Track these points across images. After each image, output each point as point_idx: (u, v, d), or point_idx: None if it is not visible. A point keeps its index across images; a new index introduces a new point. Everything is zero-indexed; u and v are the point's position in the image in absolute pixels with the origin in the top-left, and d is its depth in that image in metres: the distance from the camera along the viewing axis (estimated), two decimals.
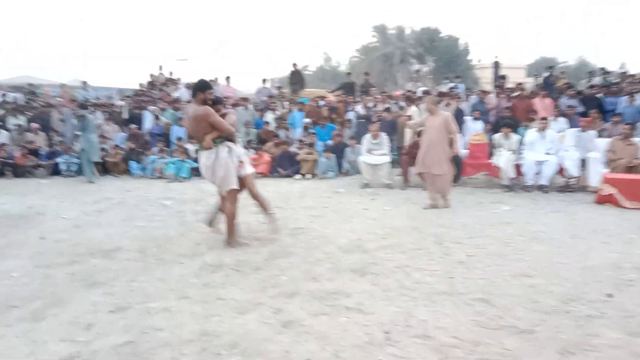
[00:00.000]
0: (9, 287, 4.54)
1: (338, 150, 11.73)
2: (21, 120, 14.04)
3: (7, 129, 13.83)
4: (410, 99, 11.82)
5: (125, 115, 14.46)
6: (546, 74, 16.08)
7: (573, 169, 9.02)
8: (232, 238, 5.71)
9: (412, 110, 10.81)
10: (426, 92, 12.55)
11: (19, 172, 12.16)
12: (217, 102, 5.81)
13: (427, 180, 8.08)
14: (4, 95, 17.14)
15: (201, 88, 5.58)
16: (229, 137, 5.61)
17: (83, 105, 12.25)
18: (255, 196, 6.03)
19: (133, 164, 12.05)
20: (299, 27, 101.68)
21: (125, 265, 5.10)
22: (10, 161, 12.31)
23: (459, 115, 11.52)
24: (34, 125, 13.57)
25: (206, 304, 4.07)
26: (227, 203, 5.68)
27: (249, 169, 5.88)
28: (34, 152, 12.58)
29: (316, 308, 3.94)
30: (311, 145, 11.66)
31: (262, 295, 4.21)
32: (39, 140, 13.18)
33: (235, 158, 5.63)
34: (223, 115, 5.64)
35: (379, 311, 3.87)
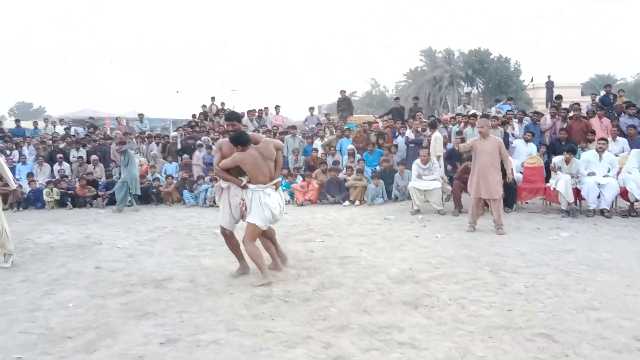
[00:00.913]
0: (65, 317, 4.64)
1: (386, 176, 11.59)
2: (82, 152, 14.70)
3: (69, 161, 14.51)
4: (434, 125, 11.54)
5: (179, 145, 14.87)
6: (603, 93, 15.44)
7: (637, 192, 8.51)
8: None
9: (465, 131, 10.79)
10: (473, 115, 12.24)
11: (79, 202, 12.67)
12: (238, 142, 5.31)
13: (477, 205, 7.94)
14: (67, 128, 18.06)
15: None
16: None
17: (122, 141, 12.74)
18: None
19: (186, 193, 12.31)
20: (346, 53, 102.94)
21: (176, 296, 5.14)
22: (71, 192, 12.86)
23: (505, 138, 11.24)
24: (94, 157, 14.17)
25: (255, 336, 4.01)
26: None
27: (253, 219, 5.42)
28: (93, 183, 13.08)
29: (367, 343, 3.81)
30: (360, 171, 11.58)
31: (311, 328, 4.12)
32: (98, 172, 13.74)
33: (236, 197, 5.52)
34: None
35: (433, 347, 3.70)
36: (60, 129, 18.10)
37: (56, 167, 14.16)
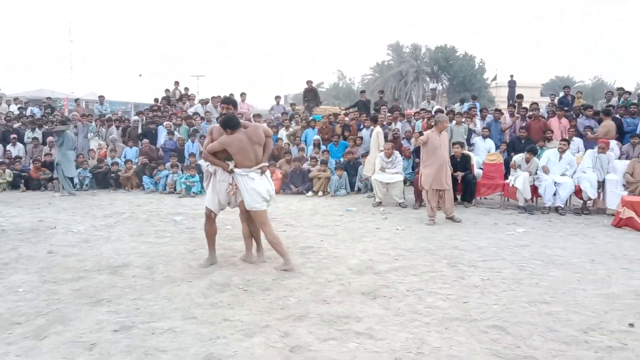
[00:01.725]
0: (14, 302, 4.47)
1: (350, 168, 11.63)
2: (37, 133, 14.17)
3: (23, 142, 13.97)
4: (375, 119, 11.53)
5: (140, 130, 14.52)
6: (562, 94, 15.89)
7: (590, 191, 8.81)
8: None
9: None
10: (439, 111, 12.42)
11: (33, 185, 12.24)
12: (227, 125, 5.33)
13: (434, 197, 8.16)
14: (23, 108, 17.36)
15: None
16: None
17: (62, 121, 12.47)
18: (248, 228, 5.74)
19: (145, 179, 12.05)
20: (314, 45, 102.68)
21: (131, 283, 5.02)
22: (24, 174, 12.40)
23: (469, 135, 11.50)
24: (50, 139, 13.68)
25: (212, 325, 3.96)
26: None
27: (249, 205, 5.40)
28: (49, 165, 12.64)
29: (325, 332, 3.81)
30: (324, 162, 11.58)
31: (269, 318, 4.09)
32: (54, 154, 13.27)
33: (222, 182, 5.49)
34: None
35: (390, 337, 3.73)
36: (14, 109, 17.38)
37: (8, 147, 13.61)
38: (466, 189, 9.68)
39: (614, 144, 10.17)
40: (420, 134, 8.03)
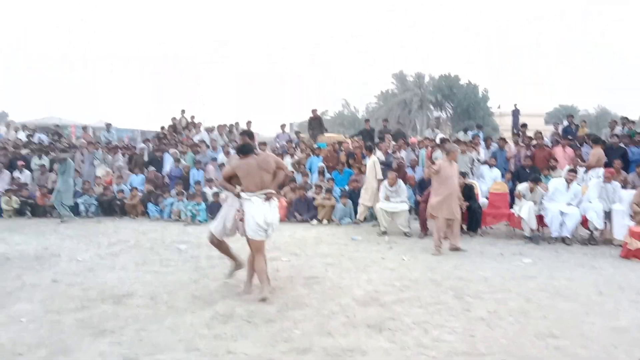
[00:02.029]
0: (17, 332, 4.46)
1: (355, 196, 11.63)
2: (44, 160, 14.28)
3: (30, 169, 14.08)
4: (370, 149, 11.41)
5: (146, 157, 14.63)
6: (566, 123, 15.96)
7: (597, 221, 8.76)
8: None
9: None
10: (443, 140, 12.47)
11: (38, 212, 12.28)
12: (240, 150, 5.74)
13: (442, 226, 8.12)
14: (30, 135, 17.56)
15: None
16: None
17: (63, 149, 12.76)
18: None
19: (151, 206, 12.08)
20: (319, 73, 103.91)
21: (135, 313, 5.00)
22: (31, 201, 12.46)
23: (472, 164, 11.56)
24: (57, 166, 13.76)
25: (215, 357, 3.93)
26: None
27: (247, 231, 5.49)
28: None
29: None
30: (329, 190, 11.59)
31: (273, 350, 4.06)
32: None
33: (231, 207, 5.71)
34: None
35: None
36: (22, 135, 17.58)
37: (15, 174, 13.71)
38: (471, 218, 9.65)
39: (601, 172, 10.26)
40: (433, 163, 8.09)
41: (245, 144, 5.75)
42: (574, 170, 9.46)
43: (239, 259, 6.08)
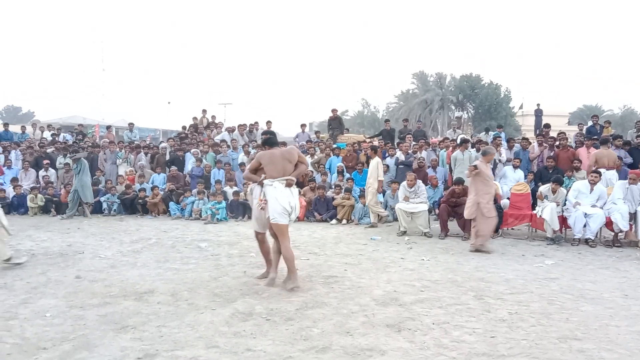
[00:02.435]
0: (41, 327, 4.54)
1: None
2: (69, 159, 14.53)
3: (55, 168, 14.35)
4: (375, 150, 11.33)
5: (167, 157, 14.79)
6: (590, 123, 15.68)
7: (622, 223, 8.58)
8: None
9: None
10: (464, 140, 12.35)
11: (63, 209, 12.50)
12: (265, 142, 6.12)
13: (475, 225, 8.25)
14: (55, 134, 17.89)
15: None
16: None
17: (75, 150, 13.13)
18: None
19: (172, 205, 12.21)
20: (339, 73, 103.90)
21: (156, 309, 5.05)
22: (56, 199, 12.70)
23: (494, 165, 11.45)
24: (73, 166, 13.99)
25: (235, 355, 3.94)
26: None
27: (271, 217, 5.72)
28: None
29: None
30: (348, 190, 11.58)
31: (292, 349, 4.06)
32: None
33: (256, 198, 5.91)
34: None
35: None
36: (47, 135, 17.93)
37: (41, 173, 13.99)
38: None
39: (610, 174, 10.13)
40: (475, 167, 8.25)
41: (270, 137, 6.06)
42: (597, 172, 9.27)
43: (272, 270, 6.04)
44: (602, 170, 9.84)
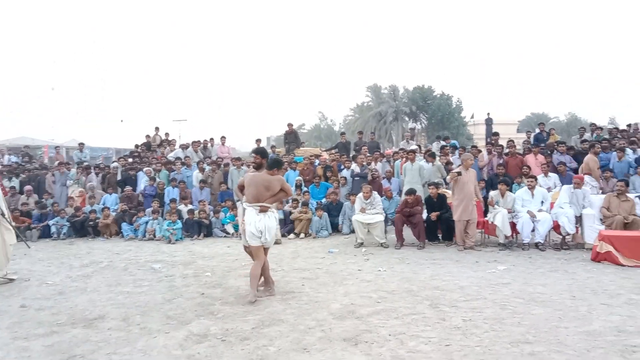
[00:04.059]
0: None
1: (332, 209, 11.63)
2: (14, 182, 13.98)
3: None
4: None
5: (119, 176, 14.42)
6: (537, 130, 16.26)
7: (569, 226, 8.91)
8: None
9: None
10: (413, 151, 12.56)
11: None
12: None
13: (462, 227, 9.17)
14: (1, 157, 17.20)
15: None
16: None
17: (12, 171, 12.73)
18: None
19: (124, 226, 11.87)
20: (295, 87, 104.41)
21: (106, 336, 4.88)
22: None
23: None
24: (27, 187, 13.50)
25: None
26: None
27: (245, 235, 6.13)
28: (27, 214, 12.42)
29: None
30: (305, 204, 11.57)
31: None
32: (32, 203, 13.06)
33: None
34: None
35: None
36: None
37: None
38: (445, 228, 9.73)
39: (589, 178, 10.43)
40: (459, 173, 9.17)
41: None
42: (532, 177, 9.62)
43: (267, 285, 6.30)
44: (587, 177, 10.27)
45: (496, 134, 14.27)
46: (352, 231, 10.50)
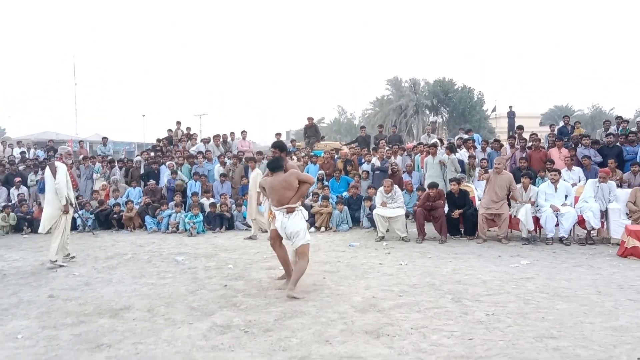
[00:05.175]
0: (13, 350, 4.42)
1: (353, 203, 11.63)
2: (40, 176, 14.25)
3: (27, 185, 14.06)
4: (252, 160, 11.89)
5: (142, 170, 14.61)
6: (561, 123, 15.99)
7: (594, 220, 8.77)
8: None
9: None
10: (434, 145, 12.48)
11: (36, 226, 12.22)
12: (269, 166, 6.27)
13: (483, 221, 9.36)
14: (25, 152, 17.54)
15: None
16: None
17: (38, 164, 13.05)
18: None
19: (148, 219, 12.04)
20: (314, 81, 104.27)
21: (132, 326, 4.96)
22: (28, 216, 12.43)
23: (461, 164, 11.79)
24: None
25: None
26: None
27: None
28: None
29: None
30: (325, 198, 11.58)
31: None
32: None
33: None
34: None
35: None
36: (17, 152, 17.56)
37: (13, 191, 13.69)
38: (468, 222, 9.66)
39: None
40: (485, 171, 9.91)
41: (273, 160, 6.17)
42: (556, 170, 9.46)
43: (289, 278, 6.26)
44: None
45: (520, 127, 14.05)
46: (373, 225, 10.48)
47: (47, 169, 8.42)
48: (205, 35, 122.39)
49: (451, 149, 11.89)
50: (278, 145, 6.48)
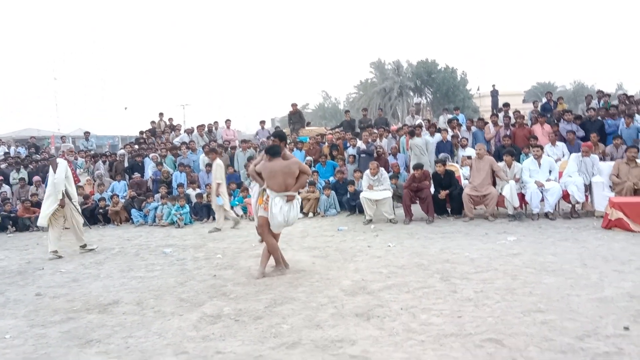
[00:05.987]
0: (1, 350, 4.37)
1: (339, 187, 11.62)
2: (23, 173, 14.06)
3: (9, 184, 13.86)
4: (214, 151, 11.22)
5: (126, 163, 14.47)
6: (544, 100, 16.07)
7: (578, 194, 8.86)
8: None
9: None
10: (419, 126, 12.51)
11: (20, 225, 12.09)
12: (268, 151, 6.26)
13: (468, 201, 9.35)
14: (7, 149, 17.27)
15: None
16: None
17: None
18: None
19: (134, 212, 11.95)
20: (297, 67, 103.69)
21: (121, 320, 4.94)
22: (13, 215, 12.27)
23: (447, 145, 11.79)
24: (36, 178, 13.57)
25: (204, 359, 3.89)
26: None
27: (272, 222, 6.20)
28: (37, 205, 12.49)
29: (319, 358, 3.75)
30: (312, 183, 11.56)
31: (262, 347, 4.03)
32: (41, 193, 13.12)
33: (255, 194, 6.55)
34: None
35: (385, 358, 3.69)
36: (0, 151, 17.28)
37: None
38: (454, 202, 9.70)
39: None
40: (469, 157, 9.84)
41: (272, 146, 6.22)
42: (538, 146, 9.53)
43: (278, 265, 6.39)
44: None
45: (507, 104, 14.07)
46: (354, 211, 10.57)
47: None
48: (186, 24, 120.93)
49: (412, 133, 11.95)
50: (278, 134, 6.62)
